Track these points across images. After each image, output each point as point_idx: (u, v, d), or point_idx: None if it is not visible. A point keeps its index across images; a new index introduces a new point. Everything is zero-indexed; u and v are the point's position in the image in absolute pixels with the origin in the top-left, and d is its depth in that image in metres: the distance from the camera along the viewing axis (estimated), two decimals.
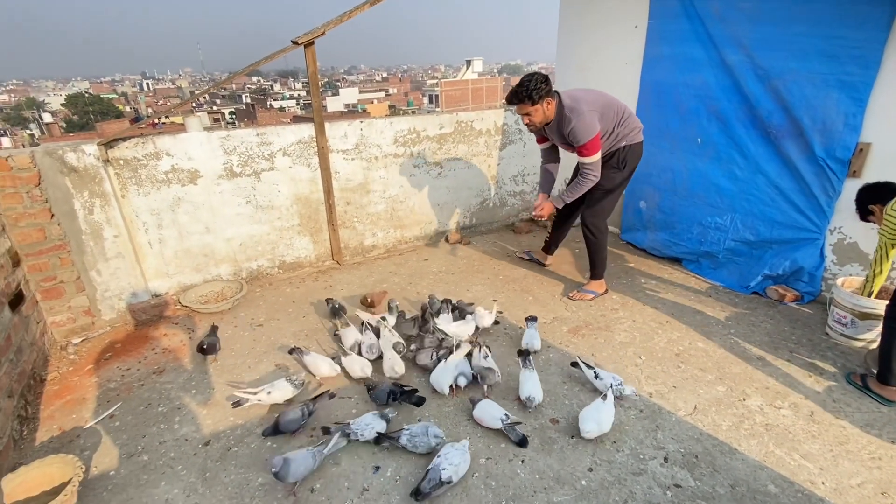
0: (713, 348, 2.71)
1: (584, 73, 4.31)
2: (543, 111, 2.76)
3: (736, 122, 3.25)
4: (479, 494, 1.83)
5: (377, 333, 2.69)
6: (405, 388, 2.27)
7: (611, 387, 2.20)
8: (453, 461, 1.83)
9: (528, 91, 2.68)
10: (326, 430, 2.05)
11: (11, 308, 2.37)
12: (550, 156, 3.23)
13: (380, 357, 2.56)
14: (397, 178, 3.92)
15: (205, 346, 2.62)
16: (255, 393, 2.22)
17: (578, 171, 2.94)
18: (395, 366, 2.44)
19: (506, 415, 2.09)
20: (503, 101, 3.25)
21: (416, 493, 1.77)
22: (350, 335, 2.69)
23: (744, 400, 2.30)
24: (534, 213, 3.16)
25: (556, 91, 2.79)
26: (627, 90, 3.91)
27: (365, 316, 2.90)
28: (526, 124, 2.90)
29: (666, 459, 1.98)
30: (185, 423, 2.23)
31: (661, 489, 1.85)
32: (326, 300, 3.09)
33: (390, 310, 2.93)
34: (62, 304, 2.82)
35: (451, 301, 3.00)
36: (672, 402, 2.30)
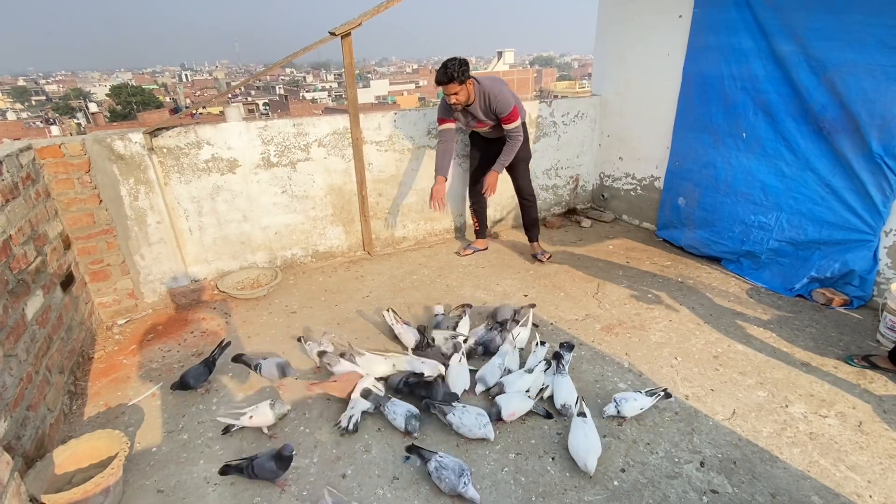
0: (754, 352, 2.61)
1: (623, 65, 4.19)
2: (468, 90, 3.10)
3: (785, 117, 3.09)
4: (508, 489, 1.83)
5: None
6: (422, 379, 2.27)
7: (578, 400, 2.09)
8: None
9: (456, 71, 2.99)
10: (367, 393, 2.16)
11: (63, 288, 2.49)
12: (453, 136, 3.39)
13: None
14: (429, 170, 3.91)
15: (187, 381, 2.31)
16: (239, 416, 2.08)
17: (505, 138, 3.31)
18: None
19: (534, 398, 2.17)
20: (535, 93, 3.31)
21: None
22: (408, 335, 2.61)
23: (786, 406, 2.21)
24: (485, 192, 3.40)
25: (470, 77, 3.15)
26: (668, 82, 3.79)
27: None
28: (453, 103, 3.13)
29: (702, 464, 1.92)
30: (222, 403, 2.30)
31: (696, 494, 1.80)
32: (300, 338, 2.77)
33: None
34: (108, 286, 2.95)
35: (497, 318, 2.78)
36: (709, 405, 2.23)
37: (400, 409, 2.09)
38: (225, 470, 1.89)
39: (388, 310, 2.74)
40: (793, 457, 1.94)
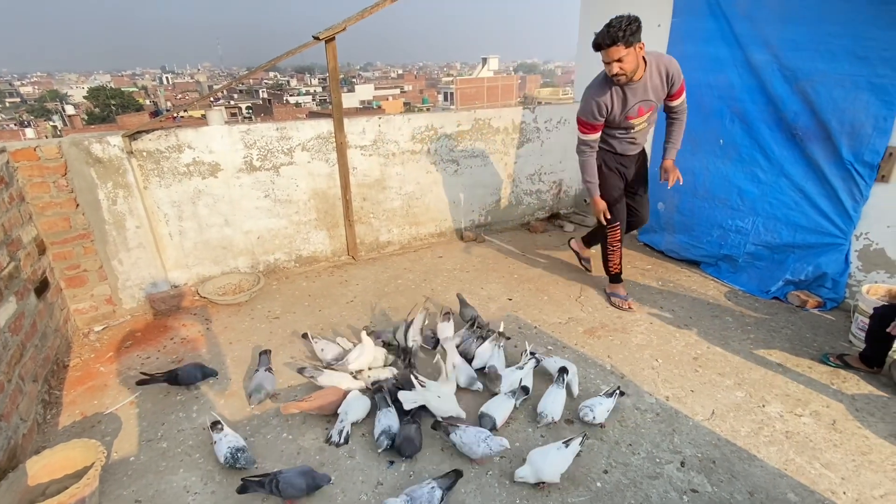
0: (732, 353, 2.66)
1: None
2: (636, 57, 2.41)
3: (760, 124, 3.19)
4: (492, 493, 1.83)
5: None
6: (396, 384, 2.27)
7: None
8: None
9: (622, 31, 2.30)
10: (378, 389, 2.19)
11: (37, 295, 2.42)
12: (597, 145, 2.84)
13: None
14: (413, 174, 3.92)
15: (177, 376, 2.33)
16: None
17: (671, 115, 2.76)
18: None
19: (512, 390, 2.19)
20: (519, 99, 3.24)
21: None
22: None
23: (763, 406, 2.26)
24: (670, 182, 2.75)
25: None
26: None
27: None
28: (615, 74, 2.44)
29: (683, 464, 1.96)
30: (202, 412, 2.26)
31: (677, 493, 1.83)
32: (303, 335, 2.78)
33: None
34: (85, 292, 2.88)
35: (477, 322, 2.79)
36: (689, 406, 2.27)
37: (384, 421, 2.03)
38: (244, 487, 1.75)
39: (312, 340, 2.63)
40: (770, 455, 1.99)
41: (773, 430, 2.12)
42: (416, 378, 2.22)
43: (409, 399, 2.10)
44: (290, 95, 58.10)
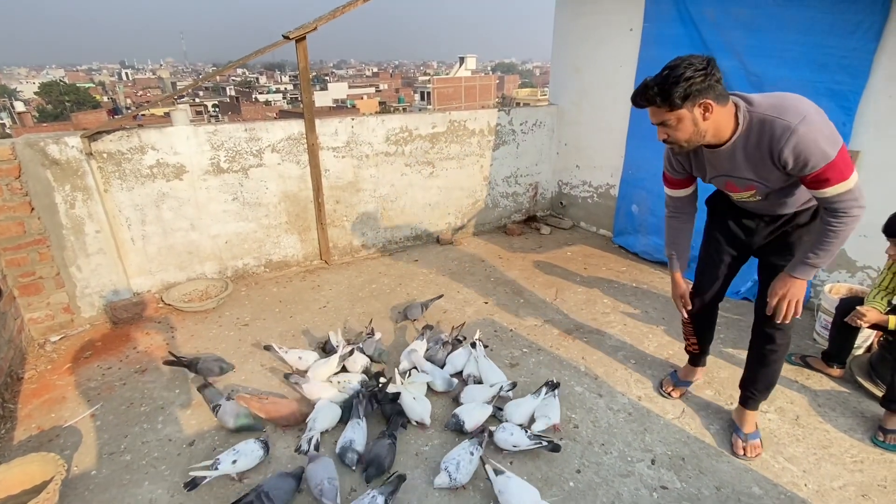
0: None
1: (578, 76, 4.32)
2: (694, 121, 1.55)
3: None
4: (466, 496, 1.82)
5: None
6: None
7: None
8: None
9: (664, 86, 1.51)
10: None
11: None
12: (687, 205, 2.04)
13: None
14: (388, 177, 3.89)
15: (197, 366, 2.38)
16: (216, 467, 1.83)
17: (821, 214, 1.63)
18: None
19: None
20: (497, 99, 3.15)
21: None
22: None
23: (731, 404, 2.32)
24: (779, 317, 1.77)
25: (732, 94, 1.59)
26: (621, 93, 3.93)
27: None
28: (663, 140, 1.66)
29: (653, 462, 1.99)
30: (168, 423, 2.18)
31: (647, 490, 1.86)
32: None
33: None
34: (41, 300, 2.74)
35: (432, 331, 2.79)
36: (661, 405, 2.31)
37: (347, 435, 1.97)
38: None
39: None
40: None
41: None
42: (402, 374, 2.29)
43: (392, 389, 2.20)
44: (260, 93, 56.95)
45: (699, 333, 2.28)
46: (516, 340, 2.83)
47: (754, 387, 2.05)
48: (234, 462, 1.83)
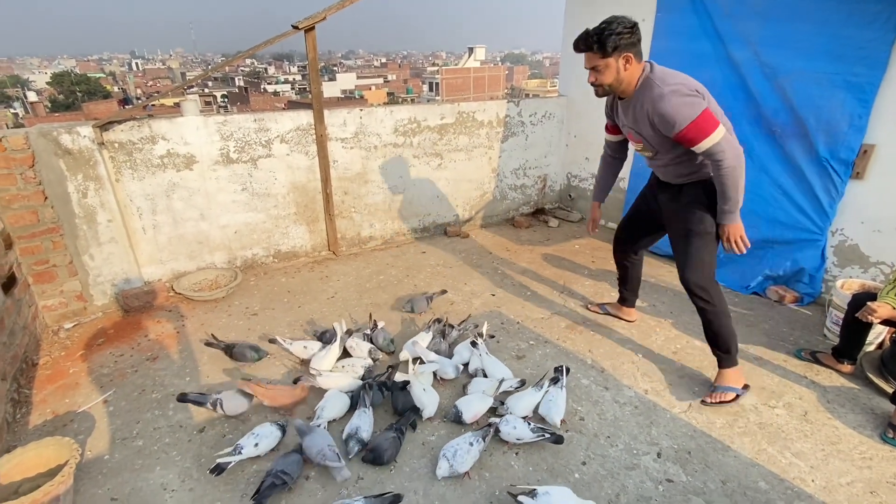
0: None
1: None
2: (617, 69, 1.96)
3: (742, 120, 3.21)
4: (472, 485, 1.83)
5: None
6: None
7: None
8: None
9: (601, 36, 1.91)
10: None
11: (4, 291, 2.34)
12: (618, 150, 2.49)
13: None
14: (396, 168, 3.88)
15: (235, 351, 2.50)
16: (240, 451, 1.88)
17: (710, 168, 2.03)
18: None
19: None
20: (506, 90, 3.11)
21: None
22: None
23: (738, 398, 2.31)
24: (732, 247, 2.12)
25: (646, 61, 2.03)
26: None
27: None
28: (591, 83, 2.06)
29: (659, 455, 1.99)
30: (179, 409, 2.21)
31: (652, 483, 1.86)
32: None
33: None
34: (54, 288, 2.79)
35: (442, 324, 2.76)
36: (667, 399, 2.31)
37: (354, 422, 1.99)
38: (261, 500, 1.69)
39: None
40: (743, 446, 2.03)
41: (747, 422, 2.17)
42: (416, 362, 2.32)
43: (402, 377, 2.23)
44: (268, 84, 56.89)
45: (619, 270, 2.83)
46: (523, 333, 2.83)
47: (715, 346, 2.34)
48: (256, 445, 1.89)
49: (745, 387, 2.31)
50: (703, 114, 1.88)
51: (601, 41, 1.92)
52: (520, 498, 1.68)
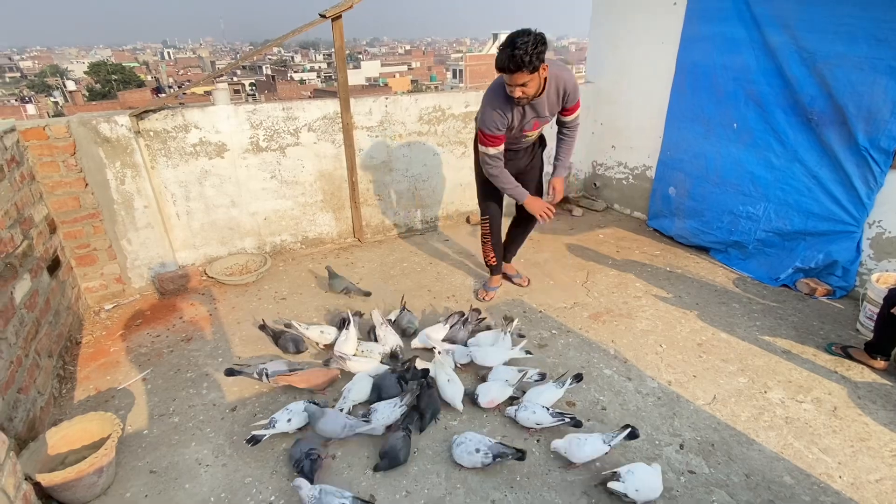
0: (737, 340, 2.67)
1: (617, 53, 4.18)
2: (540, 79, 2.24)
3: (775, 108, 3.12)
4: (493, 471, 1.87)
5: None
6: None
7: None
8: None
9: (528, 56, 2.08)
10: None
11: (49, 273, 2.47)
12: (503, 155, 2.60)
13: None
14: (420, 156, 3.90)
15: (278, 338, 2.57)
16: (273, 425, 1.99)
17: (562, 131, 2.68)
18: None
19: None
20: None
21: None
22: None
23: (765, 392, 2.28)
24: (553, 206, 2.65)
25: None
26: (661, 71, 3.78)
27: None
28: (518, 98, 2.27)
29: (682, 446, 1.99)
30: (212, 389, 2.32)
31: (675, 474, 1.87)
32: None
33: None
34: (95, 270, 2.93)
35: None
36: (691, 391, 2.29)
37: (384, 408, 2.03)
38: (300, 479, 1.70)
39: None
40: (768, 439, 2.01)
41: (773, 416, 2.14)
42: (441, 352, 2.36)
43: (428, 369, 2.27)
44: (295, 72, 57.29)
45: (497, 249, 3.05)
46: (545, 322, 2.84)
47: (515, 249, 3.23)
48: (289, 420, 1.99)
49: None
50: None
51: (531, 61, 2.10)
52: (610, 485, 1.71)
